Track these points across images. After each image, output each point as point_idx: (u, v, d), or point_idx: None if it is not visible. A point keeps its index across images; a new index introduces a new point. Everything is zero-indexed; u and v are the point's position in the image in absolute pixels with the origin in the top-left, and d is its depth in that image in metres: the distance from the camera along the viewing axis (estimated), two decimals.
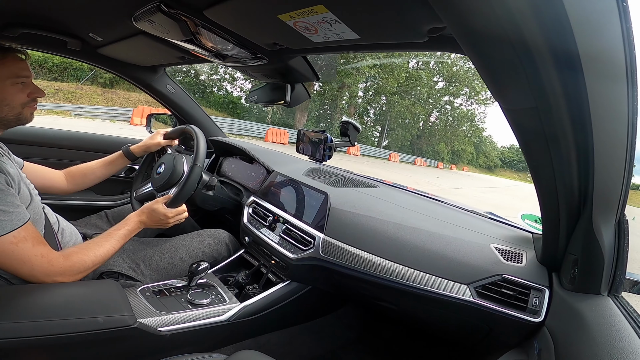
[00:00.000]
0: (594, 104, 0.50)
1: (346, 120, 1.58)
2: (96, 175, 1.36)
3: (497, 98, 0.56)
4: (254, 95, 1.55)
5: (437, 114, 36.92)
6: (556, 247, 0.86)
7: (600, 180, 0.64)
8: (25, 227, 0.83)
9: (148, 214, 1.16)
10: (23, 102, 0.95)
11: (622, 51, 0.46)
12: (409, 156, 30.11)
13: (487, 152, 56.25)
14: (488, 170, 55.49)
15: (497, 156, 61.27)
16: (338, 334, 1.57)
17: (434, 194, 1.48)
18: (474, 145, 49.39)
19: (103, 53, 1.50)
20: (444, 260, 1.01)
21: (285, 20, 0.78)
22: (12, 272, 0.85)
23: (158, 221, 1.17)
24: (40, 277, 0.86)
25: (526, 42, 0.44)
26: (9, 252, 0.80)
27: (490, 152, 57.47)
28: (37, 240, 0.86)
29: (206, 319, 1.05)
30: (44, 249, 0.87)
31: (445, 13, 0.46)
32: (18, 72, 0.93)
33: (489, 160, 56.47)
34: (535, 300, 0.89)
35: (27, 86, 0.96)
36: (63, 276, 0.89)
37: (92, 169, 1.35)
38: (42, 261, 0.85)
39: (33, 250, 0.84)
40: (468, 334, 1.13)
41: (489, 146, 57.71)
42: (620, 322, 0.66)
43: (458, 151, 42.22)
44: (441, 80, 33.54)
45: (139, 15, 0.94)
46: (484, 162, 55.29)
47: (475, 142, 50.04)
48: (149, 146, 1.44)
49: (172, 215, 1.19)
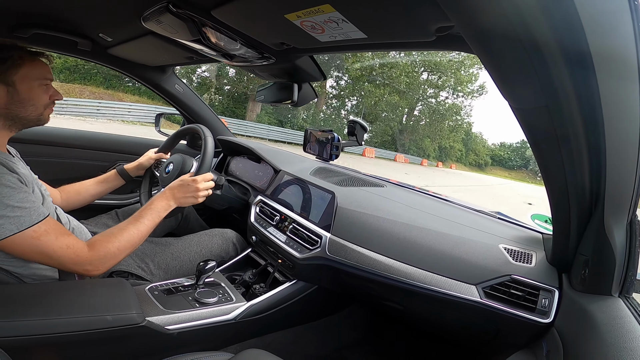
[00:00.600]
0: (605, 104, 0.50)
1: (353, 119, 1.57)
2: (90, 193, 1.35)
3: (506, 97, 0.56)
4: (262, 94, 1.55)
5: (421, 107, 33.89)
6: (566, 248, 0.84)
7: (612, 181, 0.63)
8: (45, 221, 0.85)
9: (177, 189, 1.14)
10: (45, 103, 0.99)
11: (634, 50, 0.45)
12: (389, 152, 27.79)
13: (477, 150, 54.58)
14: (478, 169, 53.95)
15: (488, 154, 59.62)
16: (343, 333, 1.57)
17: (442, 194, 1.47)
18: (463, 142, 47.62)
19: (113, 53, 1.52)
20: (452, 261, 1.00)
21: (292, 19, 0.78)
22: (45, 264, 0.87)
23: (188, 192, 1.14)
24: (71, 267, 0.88)
25: (536, 41, 0.43)
26: (32, 246, 0.82)
27: (480, 150, 55.82)
28: (60, 232, 0.87)
29: (213, 317, 1.05)
30: (68, 240, 0.88)
31: (454, 12, 0.46)
32: (45, 75, 0.97)
33: (479, 158, 54.97)
34: (544, 301, 0.88)
35: (49, 88, 1.00)
36: (92, 265, 0.90)
37: (86, 187, 1.35)
38: (69, 252, 0.86)
39: (57, 243, 0.85)
40: (475, 335, 1.12)
41: (478, 143, 56.01)
42: (631, 323, 0.65)
43: (446, 148, 40.49)
44: (423, 70, 30.00)
45: (148, 15, 0.95)
46: (473, 159, 53.78)
47: (464, 139, 48.06)
48: (142, 163, 1.45)
49: (201, 180, 1.17)
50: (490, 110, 72.60)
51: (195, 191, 1.15)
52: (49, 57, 1.01)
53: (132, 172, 1.44)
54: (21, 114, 0.94)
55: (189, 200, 1.15)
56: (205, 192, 1.19)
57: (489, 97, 54.66)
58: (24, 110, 0.94)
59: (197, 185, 1.15)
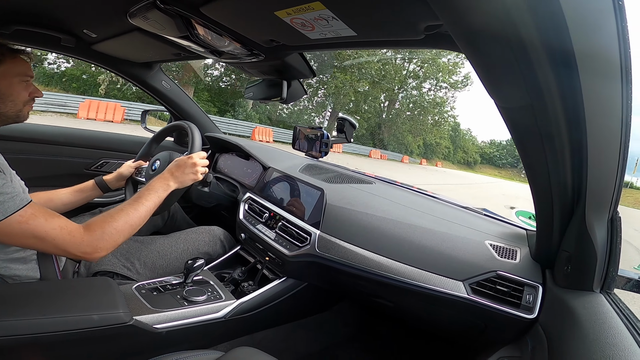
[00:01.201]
0: (588, 102, 0.51)
1: (342, 116, 1.58)
2: (62, 202, 1.28)
3: (492, 96, 0.57)
4: (250, 91, 1.54)
5: (401, 99, 30.90)
6: (550, 244, 0.86)
7: (594, 178, 0.64)
8: (30, 205, 0.82)
9: (174, 168, 1.12)
10: (25, 100, 0.98)
11: (617, 50, 0.46)
12: (365, 147, 25.97)
13: (466, 147, 52.67)
14: (467, 167, 52.30)
15: (477, 151, 57.74)
16: (334, 330, 1.58)
17: (430, 191, 1.48)
18: (451, 140, 45.75)
19: (97, 49, 1.49)
20: (440, 257, 1.01)
21: (282, 17, 0.78)
22: (40, 249, 0.85)
23: (187, 168, 1.12)
24: (68, 250, 0.84)
25: (522, 40, 0.44)
26: (22, 231, 0.79)
27: (469, 147, 53.95)
28: (49, 214, 0.84)
29: (202, 315, 1.05)
30: (59, 221, 0.85)
31: (442, 10, 0.46)
32: (25, 72, 0.97)
33: (467, 155, 53.12)
34: (528, 297, 0.89)
35: (29, 86, 0.99)
36: (90, 246, 0.86)
37: (59, 195, 1.28)
38: (63, 233, 0.83)
39: (48, 224, 0.82)
40: (463, 330, 1.14)
41: (467, 141, 54.20)
42: (613, 319, 0.66)
43: (431, 145, 38.45)
44: (401, 58, 27.52)
45: (135, 11, 0.93)
46: (462, 157, 51.87)
47: (452, 136, 46.22)
48: (121, 173, 1.40)
49: (196, 156, 1.15)
50: (479, 107, 71.64)
51: (193, 167, 1.14)
52: (29, 54, 0.99)
53: (112, 183, 1.38)
54: (0, 110, 0.92)
55: (189, 177, 1.13)
56: (203, 169, 1.17)
57: (478, 93, 52.58)
58: (3, 106, 0.93)
59: (193, 160, 1.14)
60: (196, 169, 1.14)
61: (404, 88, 30.33)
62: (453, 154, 48.72)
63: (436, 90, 31.69)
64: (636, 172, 49.87)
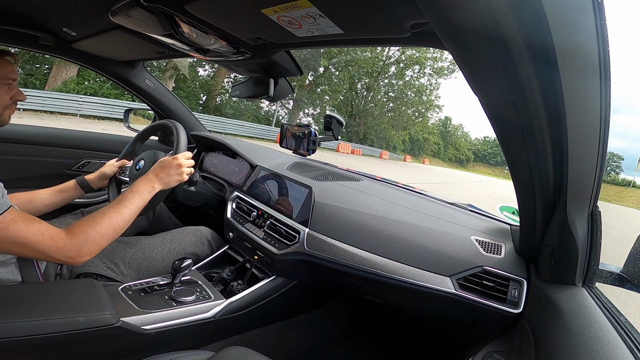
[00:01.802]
0: (568, 99, 0.52)
1: (329, 114, 1.58)
2: (43, 203, 1.24)
3: (476, 93, 0.57)
4: (237, 89, 1.53)
5: (380, 87, 27.56)
6: (533, 239, 0.88)
7: (574, 173, 0.66)
8: (10, 210, 0.79)
9: (159, 169, 1.10)
10: (5, 104, 0.95)
11: (596, 47, 0.47)
12: (336, 142, 24.06)
13: (457, 144, 50.08)
14: (459, 165, 49.77)
15: (469, 149, 55.27)
16: (325, 328, 1.58)
17: (417, 188, 1.50)
18: (442, 136, 43.08)
19: (78, 48, 1.45)
20: (427, 253, 1.03)
21: (269, 14, 0.78)
22: (23, 255, 0.82)
23: (172, 169, 1.10)
24: (52, 255, 0.82)
25: (505, 38, 0.45)
26: (1, 237, 0.77)
27: (461, 144, 51.31)
28: (30, 219, 0.82)
29: (191, 316, 1.04)
30: (40, 226, 0.82)
31: (428, 8, 0.47)
32: (7, 74, 0.94)
33: (459, 152, 50.54)
34: (514, 291, 0.91)
35: (12, 89, 0.96)
36: (73, 251, 0.84)
37: (40, 196, 1.24)
38: (44, 238, 0.81)
39: (29, 230, 0.80)
40: (452, 326, 1.16)
41: (458, 137, 51.51)
42: (595, 312, 0.68)
43: (418, 140, 35.58)
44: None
45: (116, 9, 0.92)
46: (453, 154, 49.49)
47: (442, 131, 43.42)
48: (103, 172, 1.36)
49: (181, 157, 1.13)
50: (472, 102, 71.14)
51: (178, 167, 1.12)
52: (15, 55, 0.97)
53: (94, 182, 1.34)
54: None
55: (174, 178, 1.11)
56: (189, 170, 1.16)
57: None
58: None
59: (178, 161, 1.12)
60: (181, 169, 1.12)
61: (384, 75, 27.44)
62: (443, 151, 46.27)
63: (419, 77, 28.46)
64: (638, 171, 50.29)
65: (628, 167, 72.30)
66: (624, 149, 70.38)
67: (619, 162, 68.74)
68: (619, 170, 68.52)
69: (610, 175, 64.62)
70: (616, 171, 67.90)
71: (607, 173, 64.47)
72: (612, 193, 49.43)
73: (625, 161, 70.64)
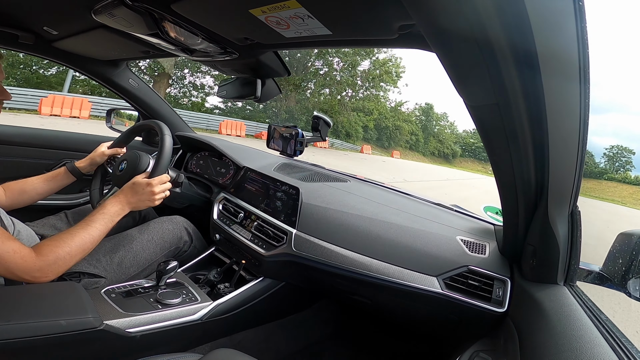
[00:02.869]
0: (549, 101, 0.53)
1: (317, 115, 1.59)
2: (37, 191, 1.24)
3: (461, 94, 0.59)
4: (224, 90, 1.52)
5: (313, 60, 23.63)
6: (515, 238, 0.89)
7: (555, 174, 0.67)
8: None
9: (130, 192, 1.09)
10: None
11: (576, 50, 0.49)
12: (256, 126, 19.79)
13: (441, 136, 43.27)
14: (444, 160, 42.73)
15: (456, 141, 48.34)
16: (314, 329, 1.58)
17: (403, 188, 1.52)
18: (422, 126, 37.05)
19: (58, 47, 1.42)
20: (414, 253, 1.04)
21: (257, 14, 0.78)
22: None
23: (144, 195, 1.09)
24: (18, 274, 0.82)
25: (489, 41, 0.46)
26: None
27: (446, 136, 44.60)
28: (5, 237, 0.82)
29: (178, 318, 1.02)
30: (14, 244, 0.82)
31: (416, 10, 0.48)
32: None
33: (443, 146, 43.83)
34: (498, 290, 0.92)
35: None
36: (40, 272, 0.85)
37: (33, 184, 1.24)
38: (16, 257, 0.81)
39: (3, 247, 0.79)
40: (439, 325, 1.17)
41: (442, 127, 44.34)
42: (577, 311, 0.69)
43: (387, 129, 29.28)
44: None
45: (99, 8, 0.90)
46: (436, 148, 42.83)
47: (423, 120, 37.34)
48: (93, 159, 1.35)
49: (157, 182, 1.11)
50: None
51: (150, 194, 1.10)
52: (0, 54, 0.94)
53: (84, 169, 1.33)
54: None
55: (145, 204, 1.11)
56: (161, 195, 1.14)
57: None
58: None
59: (152, 188, 1.10)
60: (154, 196, 1.11)
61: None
62: (424, 144, 40.01)
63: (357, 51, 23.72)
64: None
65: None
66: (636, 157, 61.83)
67: (629, 157, 60.16)
68: (630, 166, 60.08)
69: (620, 173, 56.60)
70: (626, 167, 59.09)
71: (615, 170, 56.90)
72: (626, 194, 43.12)
73: (636, 155, 61.55)
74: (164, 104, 1.94)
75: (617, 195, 41.75)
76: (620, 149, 59.99)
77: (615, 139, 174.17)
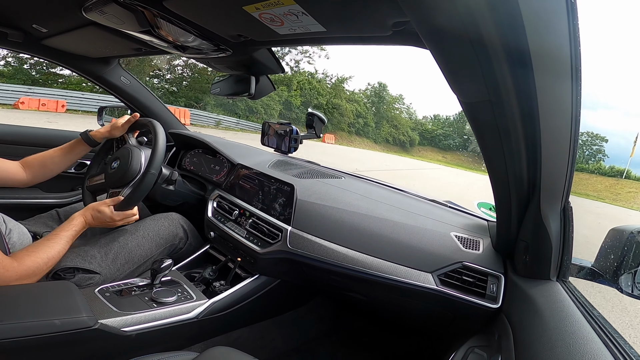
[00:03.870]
0: (541, 99, 0.54)
1: (311, 112, 1.58)
2: (56, 164, 1.25)
3: (454, 91, 0.59)
4: (217, 87, 1.51)
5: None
6: (509, 234, 0.90)
7: (547, 171, 0.68)
8: None
9: (93, 216, 1.12)
10: None
11: (568, 48, 0.49)
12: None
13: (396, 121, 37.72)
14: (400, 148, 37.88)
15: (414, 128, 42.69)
16: (310, 326, 1.59)
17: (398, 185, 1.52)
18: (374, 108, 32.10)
19: (48, 44, 1.40)
20: (409, 249, 1.04)
21: (251, 11, 0.77)
22: None
23: (103, 223, 1.14)
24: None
25: (482, 38, 0.46)
26: None
27: (402, 122, 39.16)
28: None
29: (173, 317, 1.02)
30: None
31: (410, 7, 0.48)
32: None
33: (398, 132, 38.24)
34: (492, 286, 0.93)
35: None
36: (20, 281, 0.86)
37: (52, 157, 1.24)
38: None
39: None
40: (434, 322, 1.18)
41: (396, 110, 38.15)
42: (570, 307, 0.70)
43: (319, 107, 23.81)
44: None
45: (90, 5, 0.89)
46: (389, 134, 37.34)
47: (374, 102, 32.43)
48: (111, 132, 1.33)
49: (120, 218, 1.15)
50: (421, 74, 53.27)
51: (110, 222, 1.15)
52: None
53: (99, 138, 1.31)
54: None
55: (103, 226, 1.17)
56: (122, 224, 1.19)
57: (420, 57, 38.09)
58: None
59: (114, 222, 1.15)
60: (114, 224, 1.16)
61: None
62: (374, 129, 34.90)
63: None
64: (634, 155, 39.69)
65: (613, 155, 53.99)
66: (608, 145, 54.01)
67: (600, 145, 52.23)
68: (602, 155, 52.12)
69: (592, 163, 48.58)
70: (597, 157, 51.82)
71: (585, 160, 50.13)
72: (602, 187, 38.66)
73: (608, 147, 52.36)
74: (156, 101, 1.92)
75: (591, 188, 37.38)
76: (591, 135, 52.82)
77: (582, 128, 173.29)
